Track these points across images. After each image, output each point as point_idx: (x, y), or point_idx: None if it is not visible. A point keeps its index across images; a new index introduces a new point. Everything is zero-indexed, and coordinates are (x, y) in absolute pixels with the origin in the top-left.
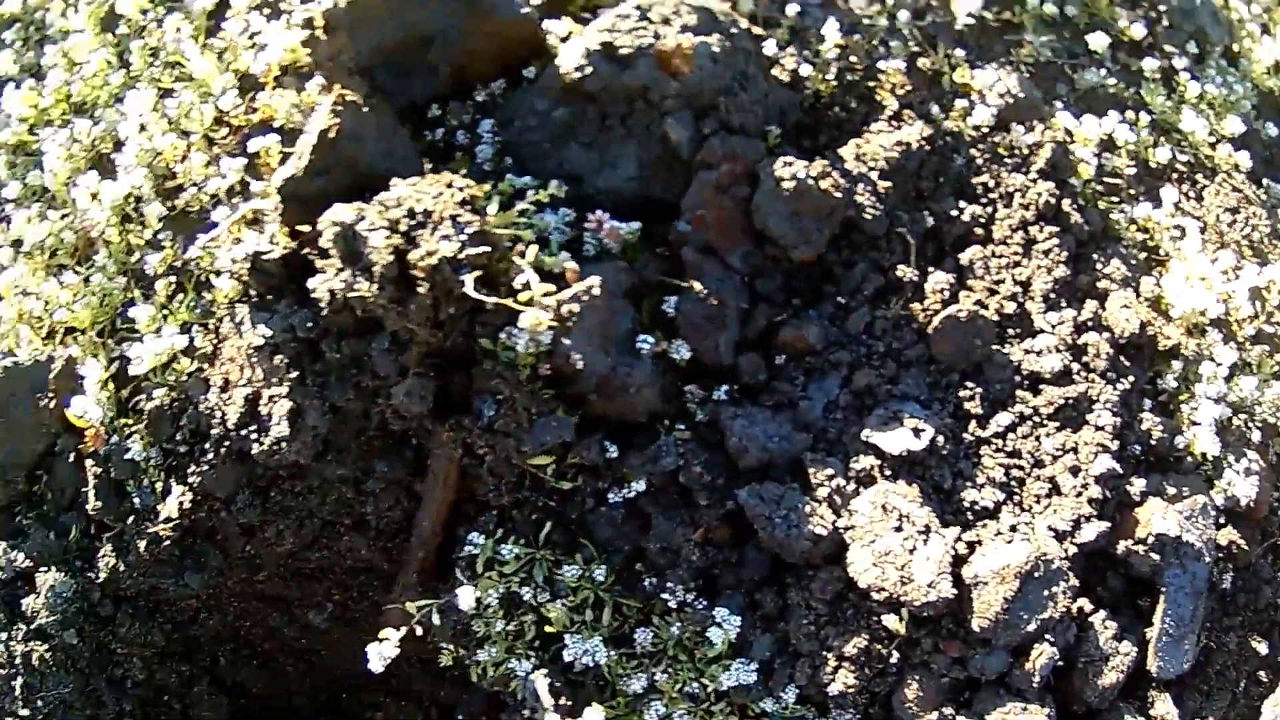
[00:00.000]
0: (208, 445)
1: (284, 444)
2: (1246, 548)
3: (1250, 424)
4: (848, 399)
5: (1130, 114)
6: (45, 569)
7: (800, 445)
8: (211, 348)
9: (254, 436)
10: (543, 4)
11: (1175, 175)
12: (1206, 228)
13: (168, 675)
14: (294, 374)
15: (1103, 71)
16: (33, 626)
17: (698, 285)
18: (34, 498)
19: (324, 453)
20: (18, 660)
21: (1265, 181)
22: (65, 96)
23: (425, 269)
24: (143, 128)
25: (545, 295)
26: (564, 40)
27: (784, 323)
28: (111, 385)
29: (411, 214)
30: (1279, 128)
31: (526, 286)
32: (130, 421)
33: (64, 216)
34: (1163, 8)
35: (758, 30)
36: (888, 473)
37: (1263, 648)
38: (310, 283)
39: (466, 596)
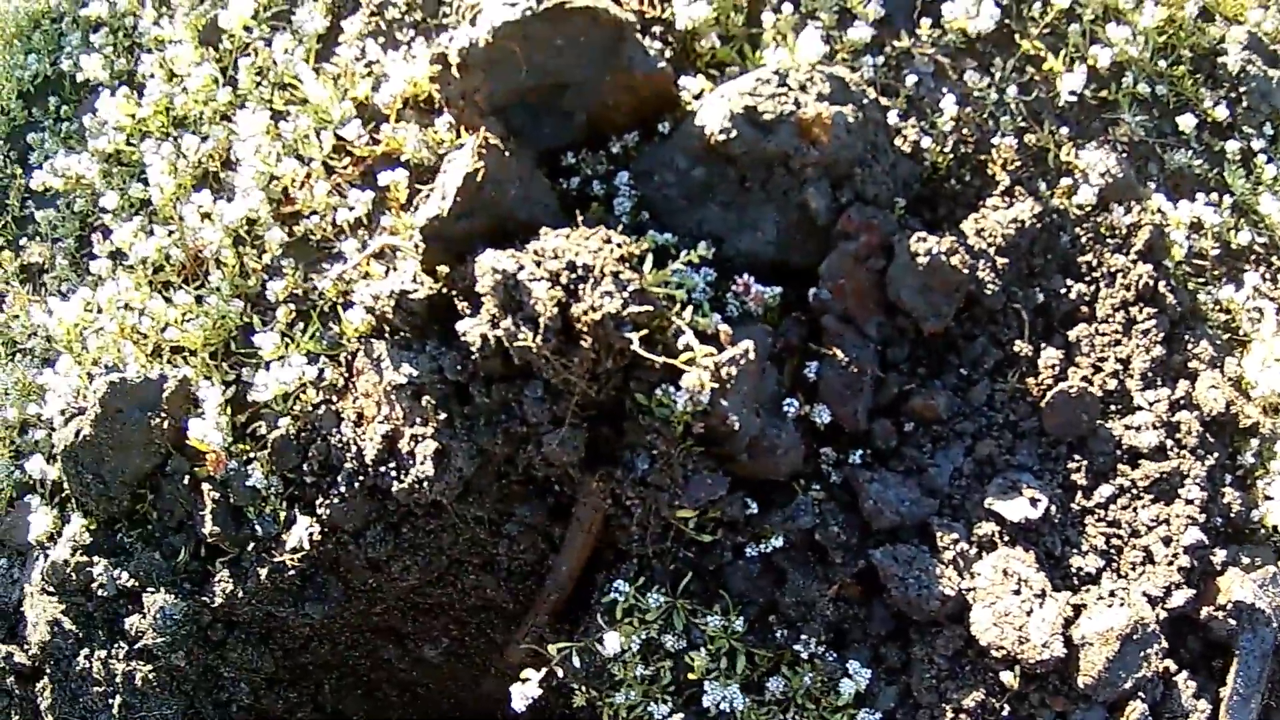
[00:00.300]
0: (339, 479)
1: (426, 484)
2: None
3: None
4: (971, 467)
5: (1214, 195)
6: (153, 589)
7: (928, 509)
8: (343, 381)
9: (393, 474)
10: (671, 59)
11: (1254, 257)
12: None
13: (274, 700)
14: (441, 415)
15: (1189, 153)
16: (136, 646)
17: (839, 352)
18: (136, 516)
19: (465, 494)
20: (118, 679)
21: None
22: (165, 109)
23: (589, 324)
24: (257, 149)
25: (705, 356)
26: (696, 97)
27: (913, 391)
28: (228, 410)
29: (572, 267)
30: None
31: (688, 347)
32: (249, 448)
33: (170, 233)
34: (1242, 89)
35: (884, 100)
36: (1006, 538)
37: None
38: (460, 326)
39: (612, 641)
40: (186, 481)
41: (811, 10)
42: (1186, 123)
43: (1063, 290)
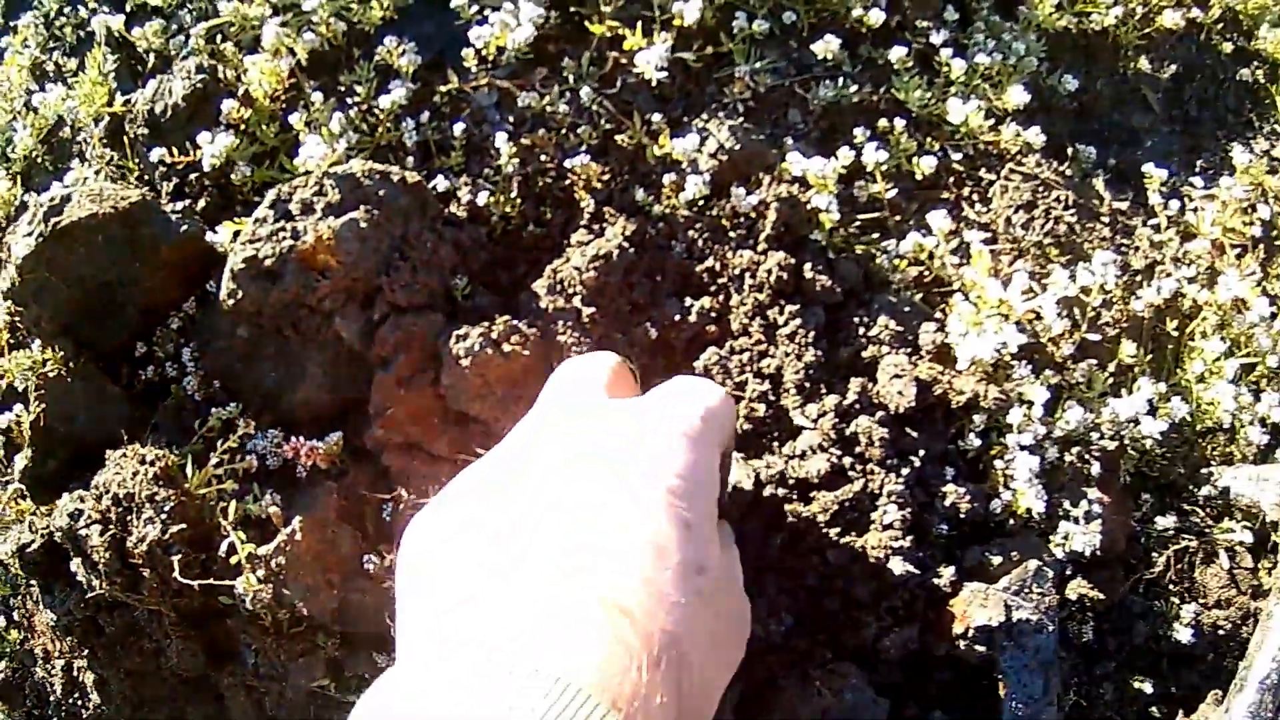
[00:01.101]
0: (50, 711)
1: (103, 710)
2: (1103, 595)
3: (1088, 455)
4: None
5: (883, 122)
6: None
7: None
8: (26, 621)
9: (80, 702)
10: (209, 206)
11: (951, 181)
12: (996, 237)
13: None
14: (85, 649)
15: (842, 80)
16: None
17: (404, 491)
18: None
19: (140, 705)
20: None
21: (1074, 148)
22: None
23: (141, 555)
24: None
25: (251, 555)
26: (235, 239)
27: None
28: None
29: (117, 500)
30: (1079, 77)
31: (232, 549)
32: None
33: None
34: None
35: (413, 177)
36: None
37: (1148, 686)
38: (73, 566)
39: None
40: None
41: (350, 85)
42: (828, 46)
43: (679, 315)
